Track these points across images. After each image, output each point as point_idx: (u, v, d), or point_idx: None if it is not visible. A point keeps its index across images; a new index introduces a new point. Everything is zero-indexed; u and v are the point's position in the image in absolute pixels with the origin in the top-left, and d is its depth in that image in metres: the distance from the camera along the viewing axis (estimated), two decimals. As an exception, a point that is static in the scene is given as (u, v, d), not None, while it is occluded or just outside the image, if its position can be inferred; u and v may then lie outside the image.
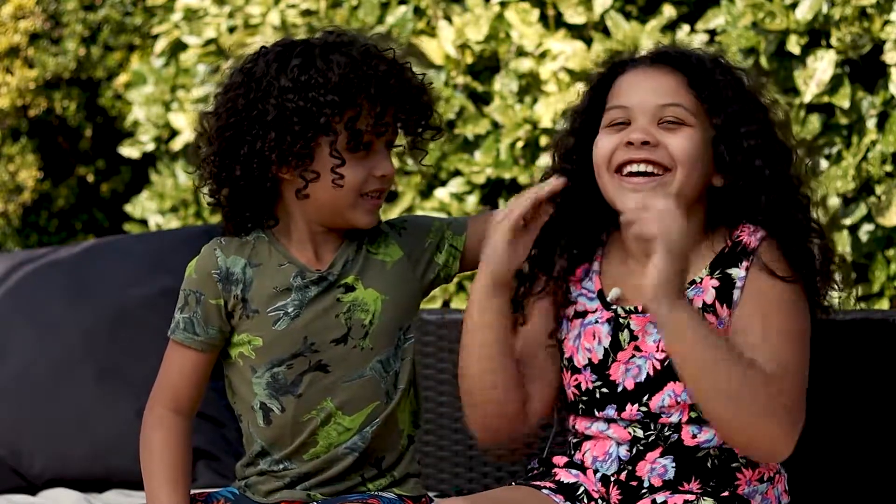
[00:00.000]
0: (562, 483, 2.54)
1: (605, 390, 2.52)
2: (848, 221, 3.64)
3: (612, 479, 2.51)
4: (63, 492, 3.42)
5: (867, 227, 3.64)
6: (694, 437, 2.48)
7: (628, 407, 2.49)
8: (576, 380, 2.55)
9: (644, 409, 2.48)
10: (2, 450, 3.49)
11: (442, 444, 3.33)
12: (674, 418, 2.47)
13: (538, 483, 2.56)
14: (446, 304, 4.17)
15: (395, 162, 2.63)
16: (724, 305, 2.45)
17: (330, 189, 2.53)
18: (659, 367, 2.47)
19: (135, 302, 3.59)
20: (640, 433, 2.49)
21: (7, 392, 3.52)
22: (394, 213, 4.22)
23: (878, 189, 3.60)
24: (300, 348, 2.56)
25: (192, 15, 4.84)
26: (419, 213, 4.20)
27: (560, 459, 2.60)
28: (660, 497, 2.46)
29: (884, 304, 3.63)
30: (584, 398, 2.54)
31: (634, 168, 2.46)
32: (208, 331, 2.59)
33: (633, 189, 2.44)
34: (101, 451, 3.47)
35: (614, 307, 2.52)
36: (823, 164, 3.70)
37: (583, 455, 2.55)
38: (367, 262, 2.62)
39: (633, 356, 2.50)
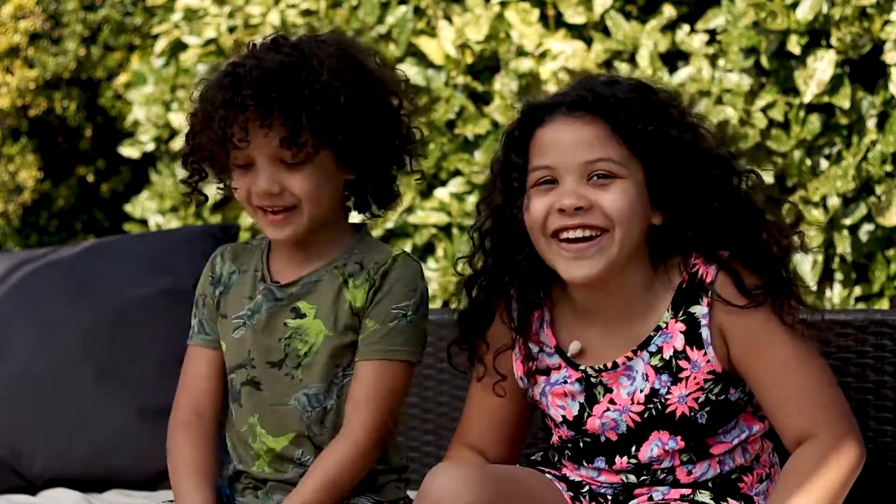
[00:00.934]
0: (567, 478, 2.54)
1: (587, 440, 2.49)
2: (848, 221, 3.64)
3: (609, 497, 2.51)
4: (63, 492, 3.42)
5: (867, 227, 3.64)
6: (689, 473, 2.47)
7: (617, 459, 2.47)
8: (557, 432, 2.54)
9: (634, 461, 2.46)
10: (2, 450, 3.49)
11: (442, 444, 3.33)
12: (665, 464, 2.46)
13: (544, 469, 2.56)
14: (446, 304, 4.17)
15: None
16: (694, 348, 2.41)
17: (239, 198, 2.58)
18: (638, 419, 2.44)
19: (135, 302, 3.59)
20: (632, 478, 2.48)
21: (7, 392, 3.52)
22: (394, 212, 4.22)
23: (878, 189, 3.60)
24: (243, 360, 2.61)
25: (192, 15, 4.84)
26: (420, 213, 4.20)
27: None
28: (656, 493, 2.46)
29: (884, 304, 3.63)
30: (570, 446, 2.52)
31: (571, 234, 2.39)
32: (215, 329, 2.66)
33: (573, 257, 2.38)
34: (101, 451, 3.47)
35: (583, 367, 2.47)
36: (823, 164, 3.71)
37: (579, 473, 2.54)
38: (333, 289, 2.58)
39: (608, 409, 2.46)
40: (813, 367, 2.40)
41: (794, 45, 3.62)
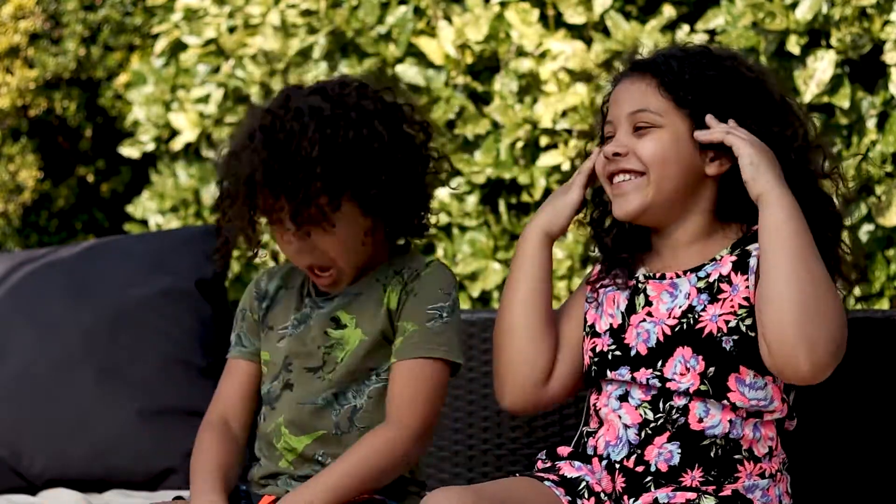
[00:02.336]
0: (564, 477, 2.56)
1: (617, 353, 2.60)
2: (848, 221, 3.64)
3: (618, 466, 2.53)
4: (63, 492, 3.42)
5: (867, 227, 3.64)
6: (700, 420, 2.51)
7: (642, 370, 2.56)
8: (593, 343, 2.65)
9: (658, 373, 2.54)
10: (2, 450, 3.49)
11: (442, 444, 3.33)
12: (683, 384, 2.51)
13: (542, 475, 2.57)
14: (446, 304, 4.17)
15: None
16: (739, 273, 2.55)
17: None
18: (669, 332, 2.56)
19: (135, 302, 3.59)
20: (649, 415, 2.54)
21: (7, 392, 3.52)
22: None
23: (878, 189, 3.60)
24: (283, 366, 2.66)
25: (192, 15, 4.84)
26: (419, 213, 4.20)
27: (564, 450, 2.62)
28: (662, 495, 2.47)
29: (884, 304, 3.63)
30: (597, 360, 2.62)
31: (618, 179, 2.62)
32: (254, 342, 2.71)
33: (617, 194, 2.62)
34: (101, 451, 3.47)
35: (637, 275, 2.65)
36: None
37: (596, 441, 2.58)
38: (374, 297, 2.63)
39: (644, 320, 2.59)
40: (835, 293, 2.52)
41: (793, 46, 3.62)
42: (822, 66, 3.61)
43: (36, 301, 3.61)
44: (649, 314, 2.60)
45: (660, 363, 2.55)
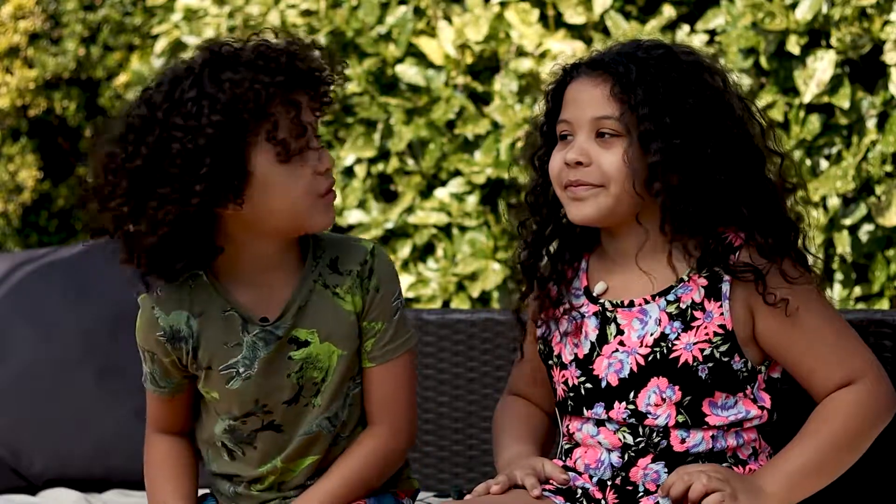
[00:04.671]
0: (560, 488, 2.54)
1: (589, 386, 2.52)
2: (848, 221, 3.64)
3: (609, 483, 2.52)
4: (63, 492, 3.42)
5: (867, 227, 3.64)
6: (683, 441, 2.48)
7: (616, 405, 2.49)
8: (563, 376, 2.56)
9: (632, 406, 2.48)
10: (2, 450, 3.49)
11: (442, 444, 3.33)
12: (661, 420, 2.47)
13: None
14: (446, 304, 4.17)
15: (396, 162, 2.60)
16: (712, 300, 2.46)
17: (273, 202, 2.35)
18: (642, 363, 2.48)
19: (135, 302, 3.58)
20: (629, 439, 2.49)
21: (7, 392, 3.51)
22: (394, 212, 4.23)
23: (878, 189, 3.60)
24: (252, 408, 2.45)
25: (192, 15, 4.84)
26: (420, 213, 4.20)
27: (558, 463, 2.60)
28: (661, 500, 2.46)
29: (884, 304, 3.63)
30: (572, 394, 2.55)
31: (574, 186, 2.49)
32: (171, 381, 2.49)
33: (573, 198, 2.49)
34: (101, 451, 3.47)
35: (601, 301, 2.54)
36: (823, 164, 3.71)
37: (574, 462, 2.55)
38: (327, 305, 2.45)
39: (617, 350, 2.51)
40: (850, 335, 2.49)
41: (793, 46, 3.62)
42: (822, 66, 3.61)
43: (36, 301, 3.61)
44: (621, 343, 2.50)
45: (632, 394, 2.47)
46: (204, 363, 2.44)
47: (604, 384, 2.51)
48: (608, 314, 2.53)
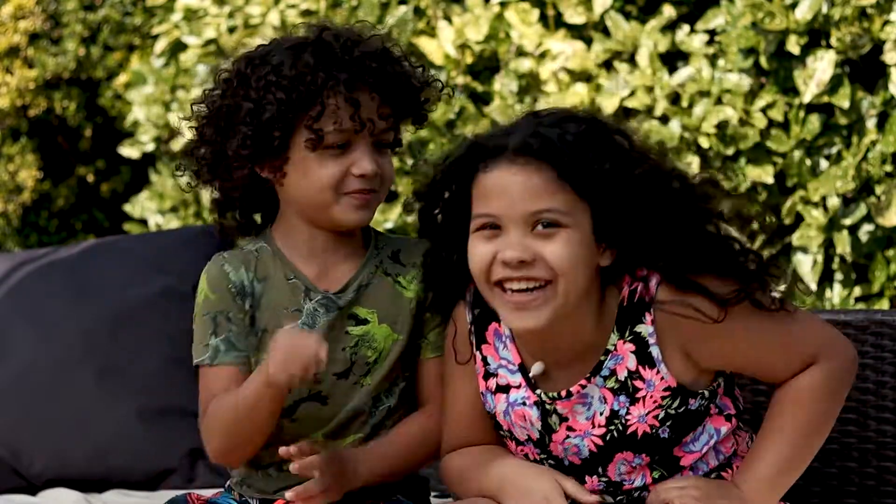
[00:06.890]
0: None
1: (552, 463, 2.46)
2: (848, 221, 3.64)
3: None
4: (63, 492, 3.42)
5: (867, 227, 3.64)
6: (664, 477, 2.45)
7: (588, 479, 2.45)
8: (522, 450, 2.49)
9: (605, 479, 2.44)
10: (2, 450, 3.49)
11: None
12: (637, 482, 2.44)
13: None
14: (446, 304, 4.17)
15: (396, 162, 2.59)
16: (647, 367, 2.38)
17: (303, 186, 2.47)
18: (601, 443, 2.41)
19: (135, 302, 3.59)
20: (610, 498, 2.46)
21: (7, 392, 3.52)
22: (392, 212, 4.22)
23: (878, 189, 3.60)
24: None
25: (192, 15, 4.84)
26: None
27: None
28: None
29: (884, 304, 3.63)
30: (535, 461, 2.49)
31: (515, 286, 2.32)
32: (248, 342, 2.52)
33: (517, 308, 2.32)
34: (101, 451, 3.47)
35: (538, 391, 2.43)
36: (823, 164, 3.71)
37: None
38: (388, 290, 2.54)
39: (568, 436, 2.43)
40: (795, 326, 2.40)
41: (793, 46, 3.62)
42: (822, 66, 3.61)
43: (36, 301, 3.61)
44: (570, 429, 2.42)
45: (601, 469, 2.43)
46: (261, 325, 2.51)
47: (566, 463, 2.45)
48: (547, 406, 2.42)
